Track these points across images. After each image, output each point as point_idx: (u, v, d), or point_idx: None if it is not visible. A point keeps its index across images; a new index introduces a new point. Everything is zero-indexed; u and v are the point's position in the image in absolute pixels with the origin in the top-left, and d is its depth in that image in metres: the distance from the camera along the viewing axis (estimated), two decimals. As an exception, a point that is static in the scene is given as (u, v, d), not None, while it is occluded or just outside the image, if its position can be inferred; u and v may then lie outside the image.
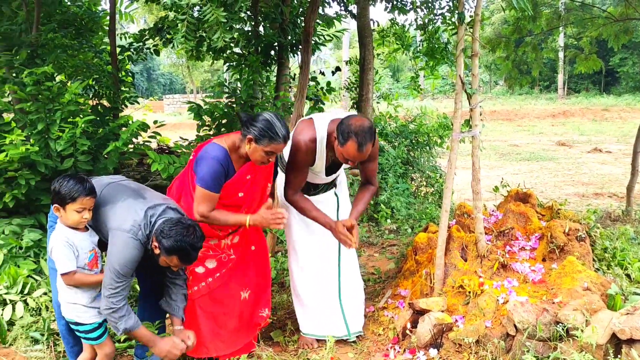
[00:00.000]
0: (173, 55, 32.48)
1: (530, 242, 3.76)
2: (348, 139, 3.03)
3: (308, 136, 3.26)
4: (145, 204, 2.82)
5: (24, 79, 4.42)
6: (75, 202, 2.72)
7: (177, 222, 2.75)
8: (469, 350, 3.19)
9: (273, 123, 2.97)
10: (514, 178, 9.36)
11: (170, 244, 2.69)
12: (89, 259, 2.83)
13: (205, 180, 3.00)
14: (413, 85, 7.57)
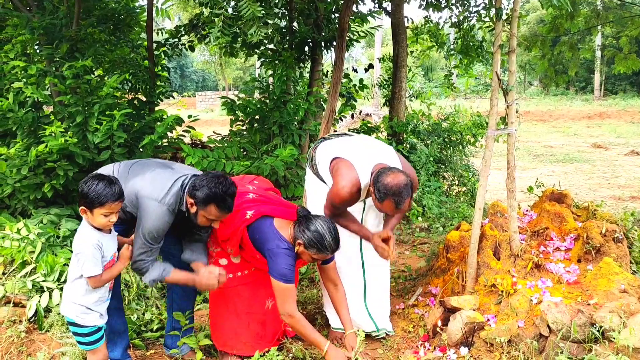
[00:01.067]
0: (206, 53, 32.83)
1: (566, 242, 3.70)
2: (385, 199, 3.08)
3: (354, 187, 3.27)
4: (174, 174, 2.93)
5: (64, 72, 4.52)
6: (103, 207, 2.66)
7: (205, 175, 2.87)
8: (501, 350, 3.15)
9: (324, 237, 3.06)
10: (548, 180, 9.20)
11: (204, 193, 2.78)
12: (108, 259, 2.81)
13: (285, 275, 3.04)
14: (446, 83, 7.50)
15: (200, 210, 2.84)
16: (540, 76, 14.10)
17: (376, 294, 3.68)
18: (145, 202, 2.83)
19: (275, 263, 3.03)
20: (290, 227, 3.17)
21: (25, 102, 4.83)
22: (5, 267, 4.29)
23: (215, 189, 2.79)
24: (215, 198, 2.80)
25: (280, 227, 3.15)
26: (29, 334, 3.70)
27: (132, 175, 2.94)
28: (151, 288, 4.07)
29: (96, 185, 2.65)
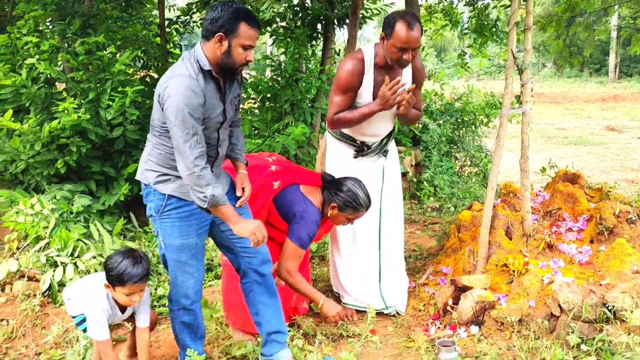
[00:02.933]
0: (217, 32, 32.58)
1: (578, 223, 3.68)
2: (395, 23, 3.04)
3: (355, 56, 3.30)
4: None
5: (77, 48, 4.52)
6: (124, 287, 2.60)
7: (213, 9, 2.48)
8: (511, 329, 3.16)
9: (357, 194, 3.13)
10: (560, 162, 9.13)
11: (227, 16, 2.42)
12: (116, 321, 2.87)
13: (303, 240, 3.07)
14: (460, 63, 7.42)
15: (232, 40, 2.43)
16: (555, 57, 13.92)
17: (391, 272, 3.69)
18: (167, 85, 2.40)
19: (298, 226, 3.05)
20: (318, 193, 3.19)
21: (38, 78, 4.84)
22: (19, 241, 4.34)
23: (230, 8, 2.42)
24: (240, 14, 2.43)
25: (308, 193, 3.20)
26: (43, 308, 3.76)
27: None
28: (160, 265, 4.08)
29: (119, 263, 2.58)
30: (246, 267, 2.88)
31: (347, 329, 3.46)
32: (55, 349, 3.33)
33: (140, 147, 4.90)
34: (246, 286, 2.93)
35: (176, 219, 2.63)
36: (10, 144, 4.46)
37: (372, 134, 3.53)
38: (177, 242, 2.65)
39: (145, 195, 2.70)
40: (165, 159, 2.59)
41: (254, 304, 2.93)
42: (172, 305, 2.81)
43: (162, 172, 2.60)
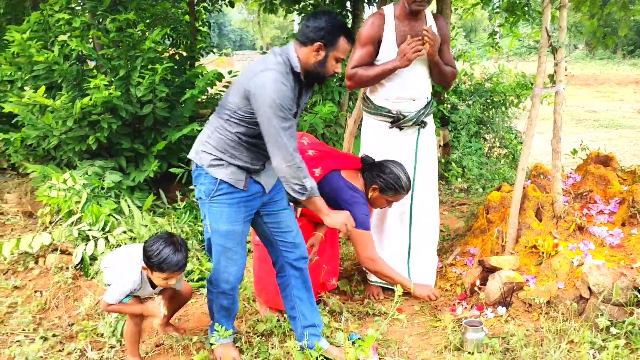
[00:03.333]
0: (244, 11, 32.57)
1: (610, 206, 3.62)
2: None
3: (377, 11, 3.37)
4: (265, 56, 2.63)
5: (108, 25, 4.56)
6: (163, 273, 2.65)
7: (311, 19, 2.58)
8: (539, 311, 3.14)
9: (400, 177, 3.16)
10: (591, 145, 8.94)
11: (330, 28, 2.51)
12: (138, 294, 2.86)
13: (364, 222, 3.14)
14: (490, 42, 7.29)
15: (330, 51, 2.52)
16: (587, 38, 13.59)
17: (420, 250, 3.67)
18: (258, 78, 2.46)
19: (353, 211, 3.05)
20: (359, 176, 3.20)
21: (70, 55, 4.89)
22: (52, 216, 4.44)
23: (334, 21, 2.52)
24: (342, 29, 2.53)
25: (349, 178, 3.21)
26: (75, 280, 3.84)
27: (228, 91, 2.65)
28: (192, 240, 4.15)
29: (160, 251, 2.61)
30: (283, 262, 2.90)
31: (373, 307, 3.48)
32: (87, 320, 3.41)
33: (170, 125, 4.95)
34: (283, 280, 2.95)
35: (225, 205, 2.64)
36: (43, 120, 4.54)
37: (408, 96, 3.45)
38: (224, 227, 2.66)
39: (195, 177, 2.71)
40: (224, 144, 2.61)
41: (291, 298, 2.94)
42: (212, 288, 2.84)
43: (217, 156, 2.61)
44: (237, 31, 46.83)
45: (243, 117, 2.56)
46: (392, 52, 3.34)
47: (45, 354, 3.09)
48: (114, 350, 3.12)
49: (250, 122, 2.57)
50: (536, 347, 2.89)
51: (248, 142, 2.62)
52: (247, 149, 2.64)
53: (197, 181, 2.71)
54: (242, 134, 2.61)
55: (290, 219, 2.90)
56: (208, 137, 2.66)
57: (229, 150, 2.61)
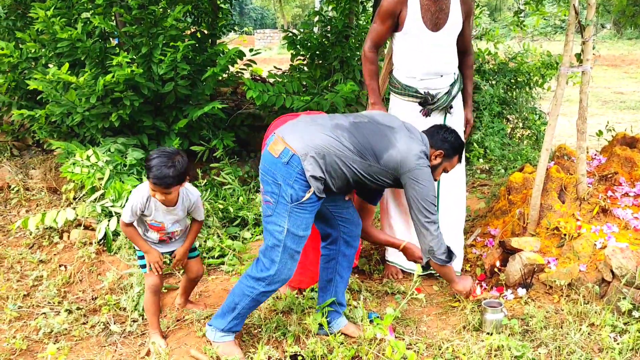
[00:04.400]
0: (265, -11, 32.36)
1: (635, 188, 3.56)
2: None
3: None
4: (407, 133, 2.76)
5: (130, 2, 4.55)
6: (150, 182, 2.70)
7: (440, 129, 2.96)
8: (560, 293, 3.12)
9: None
10: (617, 127, 8.77)
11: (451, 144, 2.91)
12: (152, 223, 2.88)
13: None
14: (515, 21, 7.14)
15: (444, 162, 2.91)
16: (616, 17, 13.25)
17: (446, 232, 3.62)
18: (420, 172, 2.67)
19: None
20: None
21: (93, 32, 4.91)
22: (76, 192, 4.50)
23: (459, 140, 2.96)
24: (460, 148, 2.96)
25: None
26: (99, 255, 3.91)
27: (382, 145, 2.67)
28: (213, 218, 4.18)
29: (155, 158, 2.66)
30: (338, 235, 2.94)
31: (392, 287, 3.49)
32: (110, 294, 3.48)
33: (191, 103, 4.96)
34: (330, 253, 2.97)
35: (307, 212, 2.62)
36: (66, 96, 4.57)
37: (435, 71, 3.34)
38: (301, 232, 2.64)
39: (285, 173, 2.56)
40: (337, 170, 2.61)
41: (332, 272, 2.97)
42: (259, 286, 2.69)
43: (320, 174, 2.57)
44: (258, 9, 46.56)
45: (382, 177, 2.71)
46: (416, 23, 3.24)
47: (69, 327, 3.17)
48: (136, 324, 3.19)
49: (380, 182, 2.73)
50: (556, 329, 2.87)
51: (355, 183, 2.72)
52: (347, 185, 2.71)
53: (285, 179, 2.57)
54: (362, 180, 2.70)
55: (343, 198, 2.92)
56: (326, 152, 2.57)
57: (334, 177, 2.63)
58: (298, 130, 2.65)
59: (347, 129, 2.66)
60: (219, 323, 2.78)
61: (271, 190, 2.61)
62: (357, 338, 2.89)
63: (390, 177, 2.70)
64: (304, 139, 2.59)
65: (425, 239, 2.77)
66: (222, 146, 4.82)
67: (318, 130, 2.63)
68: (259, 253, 2.73)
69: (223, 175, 4.69)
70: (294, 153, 2.55)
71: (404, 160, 2.64)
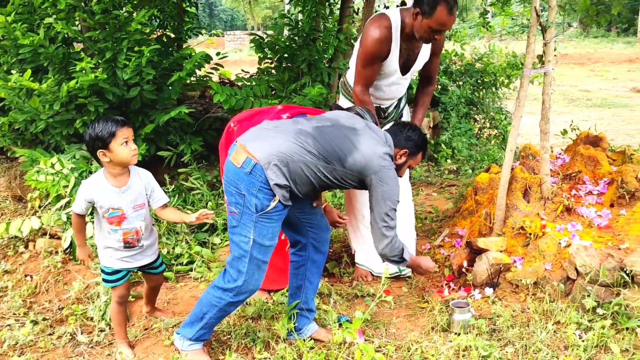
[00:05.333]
0: (235, -10, 32.22)
1: (599, 186, 3.63)
2: (437, 5, 3.00)
3: (383, 23, 3.23)
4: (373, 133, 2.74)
5: (93, 7, 4.48)
6: (117, 136, 2.65)
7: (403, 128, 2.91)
8: (526, 292, 3.16)
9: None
10: (583, 125, 8.93)
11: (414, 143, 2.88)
12: (109, 214, 2.76)
13: None
14: (482, 22, 7.24)
15: (409, 160, 2.89)
16: (581, 16, 13.53)
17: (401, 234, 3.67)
18: (385, 173, 2.63)
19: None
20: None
21: (56, 37, 4.82)
22: (41, 200, 4.41)
23: (423, 138, 2.92)
24: (424, 145, 2.93)
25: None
26: (65, 264, 3.84)
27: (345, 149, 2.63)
28: (181, 224, 4.14)
29: (98, 124, 2.67)
30: (307, 242, 2.92)
31: (361, 289, 3.50)
32: (77, 304, 3.42)
33: (157, 107, 4.90)
34: (299, 259, 2.95)
35: (274, 221, 2.59)
36: (29, 103, 4.49)
37: (390, 98, 3.55)
38: (267, 242, 2.61)
39: (248, 183, 2.52)
40: (301, 177, 2.57)
41: (301, 279, 2.95)
42: (226, 296, 2.66)
43: (285, 182, 2.54)
44: (227, 11, 46.39)
45: (347, 180, 2.67)
46: (393, 66, 3.36)
47: (35, 338, 3.11)
48: (103, 333, 3.14)
49: (346, 184, 2.71)
50: (522, 327, 2.91)
51: (321, 188, 2.69)
52: (313, 190, 2.68)
53: (248, 189, 2.53)
54: (327, 184, 2.67)
55: (311, 205, 2.90)
56: (290, 159, 2.53)
57: (299, 183, 2.59)
58: (260, 138, 2.62)
59: (311, 134, 2.63)
60: (187, 332, 2.75)
61: (235, 201, 2.57)
62: (327, 342, 2.89)
63: (355, 179, 2.69)
64: (266, 147, 2.54)
65: (380, 244, 2.71)
66: (190, 151, 4.77)
67: (281, 137, 2.59)
68: (226, 264, 2.70)
69: (191, 181, 4.64)
70: (256, 162, 2.50)
71: (368, 163, 2.62)
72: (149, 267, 3.00)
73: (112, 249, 2.84)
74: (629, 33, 32.07)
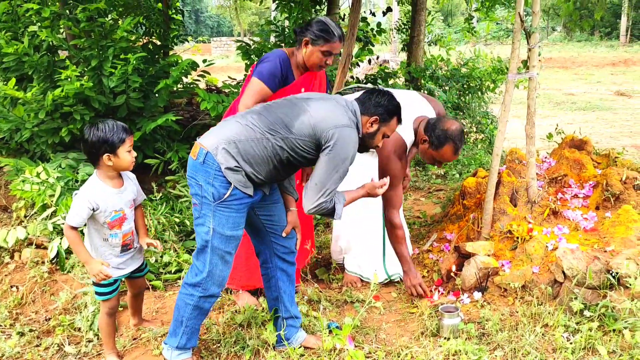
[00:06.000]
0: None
1: (584, 189, 3.66)
2: (445, 144, 3.14)
3: (400, 147, 3.28)
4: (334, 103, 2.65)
5: (78, 15, 4.47)
6: (125, 143, 2.64)
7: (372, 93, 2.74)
8: (515, 295, 3.18)
9: (328, 23, 3.09)
10: (568, 128, 9.03)
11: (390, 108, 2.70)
12: (111, 218, 2.73)
13: (262, 73, 3.11)
14: (467, 27, 7.30)
15: (382, 127, 2.71)
16: (564, 21, 13.69)
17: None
18: (338, 131, 2.51)
19: (260, 64, 3.17)
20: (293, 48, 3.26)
21: (41, 45, 4.79)
22: (26, 210, 4.37)
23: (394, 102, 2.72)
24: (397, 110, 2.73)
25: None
26: (52, 275, 3.80)
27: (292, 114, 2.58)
28: (169, 232, 4.12)
29: (107, 126, 2.63)
30: (271, 253, 2.89)
31: (351, 295, 3.50)
32: (64, 314, 3.38)
33: (144, 115, 4.88)
34: (269, 272, 2.93)
35: (234, 210, 2.57)
36: (14, 112, 4.46)
37: None
38: (229, 232, 2.58)
39: (204, 173, 2.54)
40: (254, 156, 2.54)
41: (276, 289, 2.93)
42: (199, 292, 2.65)
43: (239, 163, 2.52)
44: (214, 17, 46.35)
45: (301, 148, 2.56)
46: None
47: (22, 350, 3.07)
48: (91, 344, 3.10)
49: (303, 155, 2.59)
50: (511, 331, 2.92)
51: (282, 165, 2.61)
52: (274, 169, 2.60)
53: (205, 179, 2.54)
54: (285, 159, 2.59)
55: (282, 212, 2.88)
56: (237, 140, 2.53)
57: (254, 164, 2.54)
58: (212, 129, 2.66)
59: (257, 111, 2.63)
60: (172, 341, 2.74)
61: (195, 192, 2.60)
62: (317, 349, 2.89)
63: (312, 146, 2.57)
64: (215, 135, 2.58)
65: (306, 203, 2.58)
66: (177, 158, 4.76)
67: (229, 123, 2.62)
68: (192, 257, 2.69)
69: (179, 188, 4.62)
70: (207, 151, 2.53)
71: (318, 122, 2.53)
72: (137, 270, 2.98)
73: (110, 259, 2.81)
74: (611, 37, 32.46)
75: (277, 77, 3.13)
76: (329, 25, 3.08)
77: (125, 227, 2.80)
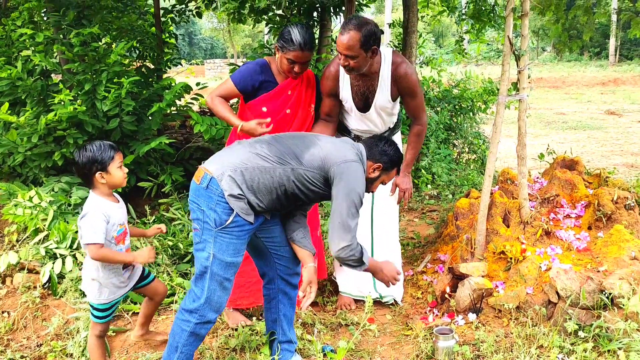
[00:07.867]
0: (214, 19, 32.48)
1: (576, 209, 3.68)
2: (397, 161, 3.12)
3: (332, 64, 3.38)
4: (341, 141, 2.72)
5: (72, 39, 4.49)
6: (115, 160, 2.69)
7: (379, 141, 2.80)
8: (509, 316, 3.17)
9: (291, 31, 3.14)
10: (560, 147, 9.11)
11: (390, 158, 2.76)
12: (117, 232, 2.73)
13: (235, 74, 3.32)
14: (457, 49, 7.39)
15: (382, 175, 2.77)
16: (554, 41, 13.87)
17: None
18: (347, 166, 2.55)
19: None
20: None
21: (34, 70, 4.81)
22: (18, 234, 4.34)
23: (398, 154, 2.82)
24: (399, 161, 2.85)
25: None
26: (44, 300, 3.77)
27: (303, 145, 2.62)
28: (162, 255, 4.10)
29: (94, 146, 2.68)
30: (275, 274, 2.88)
31: (345, 318, 3.48)
32: (56, 340, 3.35)
33: (137, 138, 4.89)
34: (270, 292, 2.92)
35: (235, 237, 2.56)
36: (7, 136, 4.45)
37: (367, 130, 3.54)
38: (229, 259, 2.57)
39: (207, 198, 2.53)
40: (260, 185, 2.54)
41: (275, 312, 2.92)
42: (193, 318, 2.62)
43: (243, 191, 2.52)
44: (207, 40, 46.67)
45: (309, 180, 2.58)
46: (348, 105, 3.45)
47: (12, 377, 3.03)
48: (83, 370, 3.07)
49: (309, 187, 2.60)
50: (506, 352, 2.92)
51: (285, 196, 2.61)
52: (276, 199, 2.60)
53: (207, 205, 2.53)
54: (290, 190, 2.59)
55: (283, 234, 2.86)
56: (243, 167, 2.53)
57: (257, 193, 2.54)
58: (217, 155, 2.67)
59: (266, 141, 2.65)
60: None
61: (196, 217, 2.58)
62: (312, 373, 2.87)
63: (319, 179, 2.59)
64: (221, 160, 2.58)
65: (336, 245, 2.56)
66: (171, 181, 4.76)
67: (236, 150, 2.62)
68: (190, 283, 2.68)
69: (172, 211, 4.62)
70: (211, 176, 2.53)
71: (328, 155, 2.58)
72: (140, 279, 2.96)
73: (116, 277, 2.79)
74: (601, 57, 32.90)
75: (247, 80, 3.28)
76: (291, 34, 3.14)
77: (127, 242, 2.82)
